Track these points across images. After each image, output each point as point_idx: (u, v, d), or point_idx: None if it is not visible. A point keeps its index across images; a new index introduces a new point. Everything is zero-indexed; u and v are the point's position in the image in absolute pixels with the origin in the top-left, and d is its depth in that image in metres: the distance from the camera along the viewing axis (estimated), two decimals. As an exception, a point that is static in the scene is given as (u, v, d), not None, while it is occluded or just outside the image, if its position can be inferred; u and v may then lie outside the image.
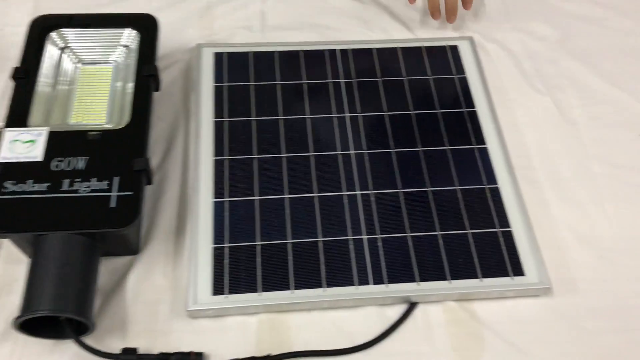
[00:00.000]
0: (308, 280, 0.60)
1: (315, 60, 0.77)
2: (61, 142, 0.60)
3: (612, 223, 0.67)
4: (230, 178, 0.66)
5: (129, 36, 0.69)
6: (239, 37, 0.80)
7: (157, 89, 0.67)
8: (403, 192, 0.66)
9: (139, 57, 0.67)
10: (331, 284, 0.60)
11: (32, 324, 0.53)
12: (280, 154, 0.68)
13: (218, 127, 0.70)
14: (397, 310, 0.60)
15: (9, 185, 0.56)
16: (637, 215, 0.68)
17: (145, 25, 0.69)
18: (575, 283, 0.63)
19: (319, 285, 0.59)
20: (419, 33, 0.83)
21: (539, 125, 0.75)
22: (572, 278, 0.63)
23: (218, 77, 0.74)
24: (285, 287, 0.59)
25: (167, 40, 0.78)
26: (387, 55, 0.78)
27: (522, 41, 0.83)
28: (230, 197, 0.64)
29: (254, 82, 0.74)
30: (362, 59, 0.77)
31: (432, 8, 0.82)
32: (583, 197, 0.69)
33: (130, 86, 0.65)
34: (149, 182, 0.61)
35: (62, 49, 0.68)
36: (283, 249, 0.61)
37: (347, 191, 0.66)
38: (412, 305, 0.60)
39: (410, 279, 0.60)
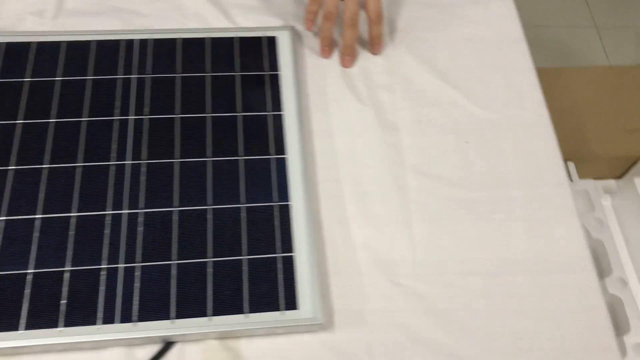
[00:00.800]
0: (42, 318, 0.52)
1: (108, 52, 0.67)
2: None
3: (415, 245, 0.60)
4: (-25, 195, 0.57)
5: None
6: (28, 24, 0.70)
7: None
8: (178, 210, 0.58)
9: None
10: (69, 323, 0.52)
11: None
12: (41, 164, 0.59)
13: (-26, 133, 0.61)
14: (149, 351, 0.53)
15: None
16: (443, 235, 0.61)
17: None
18: (363, 315, 0.56)
19: (54, 325, 0.52)
20: (240, 21, 0.74)
21: (354, 131, 0.67)
22: (361, 309, 0.57)
23: (-12, 71, 0.65)
24: (14, 327, 0.51)
25: (-57, 25, 0.68)
26: (193, 47, 0.69)
27: (356, 32, 0.74)
28: (-31, 218, 0.56)
29: (30, 79, 0.64)
30: (162, 52, 0.68)
31: (323, 40, 0.70)
32: (388, 215, 0.62)
33: None
34: None
35: None
36: (20, 281, 0.53)
37: (113, 210, 0.58)
38: (167, 345, 0.53)
39: (164, 315, 0.53)
